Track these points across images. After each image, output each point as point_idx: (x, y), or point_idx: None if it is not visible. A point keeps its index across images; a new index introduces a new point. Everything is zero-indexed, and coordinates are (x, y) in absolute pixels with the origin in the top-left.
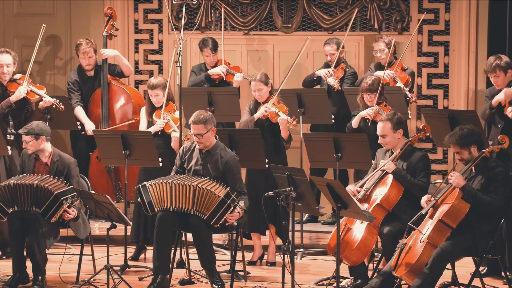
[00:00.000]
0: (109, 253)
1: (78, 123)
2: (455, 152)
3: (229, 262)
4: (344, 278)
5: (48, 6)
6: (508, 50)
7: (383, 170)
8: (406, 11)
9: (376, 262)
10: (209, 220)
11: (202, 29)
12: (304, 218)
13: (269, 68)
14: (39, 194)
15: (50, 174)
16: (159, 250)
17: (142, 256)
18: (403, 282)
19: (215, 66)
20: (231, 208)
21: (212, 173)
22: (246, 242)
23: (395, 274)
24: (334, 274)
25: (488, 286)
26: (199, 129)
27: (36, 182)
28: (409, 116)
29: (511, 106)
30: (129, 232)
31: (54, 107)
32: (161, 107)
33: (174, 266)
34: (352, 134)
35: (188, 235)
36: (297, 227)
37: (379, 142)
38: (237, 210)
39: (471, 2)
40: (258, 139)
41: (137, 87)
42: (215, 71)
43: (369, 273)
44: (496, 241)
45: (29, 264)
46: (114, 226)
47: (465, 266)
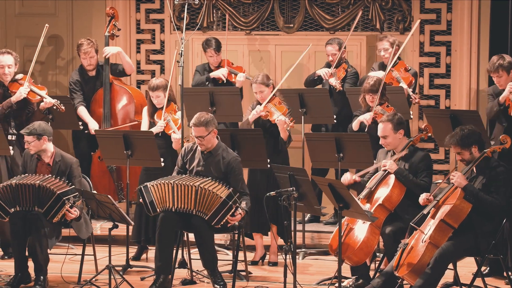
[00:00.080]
0: (111, 253)
1: (80, 123)
2: (456, 153)
3: (231, 262)
4: (346, 278)
5: (50, 6)
6: (510, 50)
7: (385, 170)
8: (408, 11)
9: (378, 262)
10: (210, 221)
11: (204, 29)
12: (306, 218)
13: (271, 68)
14: (41, 194)
15: (52, 174)
16: (161, 251)
17: (144, 256)
18: (405, 282)
19: (218, 66)
20: (232, 209)
21: (214, 174)
22: (248, 242)
23: (397, 274)
24: (336, 274)
25: (490, 286)
26: (201, 132)
27: (38, 182)
28: (411, 116)
29: None
30: (131, 232)
31: (55, 108)
32: (162, 108)
33: (176, 266)
34: (354, 134)
35: (190, 235)
36: (299, 227)
37: (381, 143)
38: (238, 211)
39: (473, 2)
40: (260, 139)
41: (139, 87)
42: (216, 74)
43: (371, 273)
44: (498, 241)
45: (31, 264)
46: (116, 226)
47: (467, 266)
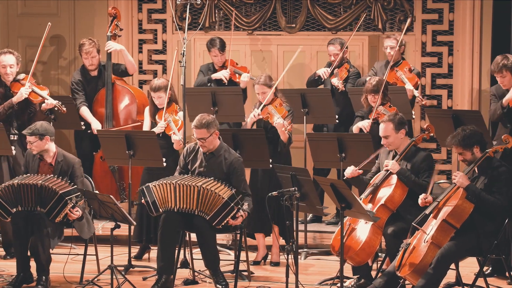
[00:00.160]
0: (113, 253)
1: (82, 123)
2: (457, 153)
3: (233, 262)
4: (348, 278)
5: (52, 6)
6: None
7: (388, 170)
8: (410, 11)
9: (380, 262)
10: (211, 221)
11: (206, 29)
12: (308, 218)
13: (273, 68)
14: (44, 194)
15: (54, 174)
16: (163, 251)
17: (146, 256)
18: (407, 282)
19: (223, 66)
20: (234, 211)
21: (216, 175)
22: (250, 242)
23: (399, 274)
24: (338, 274)
25: (492, 286)
26: (202, 134)
27: (40, 182)
28: (413, 116)
29: None
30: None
31: (56, 109)
32: (163, 109)
33: (178, 266)
34: (356, 134)
35: (192, 235)
36: (301, 227)
37: (382, 143)
38: (240, 213)
39: (475, 2)
40: (262, 139)
41: (141, 87)
42: (217, 76)
43: (373, 273)
44: (500, 241)
45: (33, 264)
46: (118, 226)
47: (469, 266)
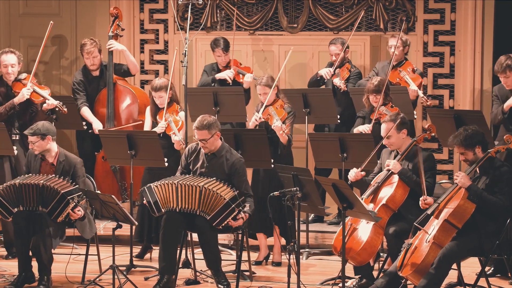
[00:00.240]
0: (114, 253)
1: (84, 123)
2: (459, 153)
3: (235, 262)
4: (350, 278)
5: (54, 6)
6: None
7: (389, 170)
8: (411, 11)
9: (382, 262)
10: (212, 221)
11: (207, 29)
12: (310, 218)
13: (275, 68)
14: (45, 194)
15: (56, 174)
16: (165, 251)
17: (148, 256)
18: (408, 282)
19: (227, 66)
20: (235, 213)
21: (217, 175)
22: (251, 242)
23: (400, 274)
24: (340, 274)
25: (494, 286)
26: (203, 135)
27: (42, 181)
28: (414, 116)
29: None
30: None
31: (57, 110)
32: (164, 108)
33: (180, 266)
34: (358, 134)
35: (194, 235)
36: (303, 227)
37: (384, 143)
38: (241, 215)
39: (477, 2)
40: (264, 139)
41: (143, 87)
42: (221, 76)
43: (375, 273)
44: (502, 241)
45: (35, 264)
46: (119, 226)
47: (471, 266)
